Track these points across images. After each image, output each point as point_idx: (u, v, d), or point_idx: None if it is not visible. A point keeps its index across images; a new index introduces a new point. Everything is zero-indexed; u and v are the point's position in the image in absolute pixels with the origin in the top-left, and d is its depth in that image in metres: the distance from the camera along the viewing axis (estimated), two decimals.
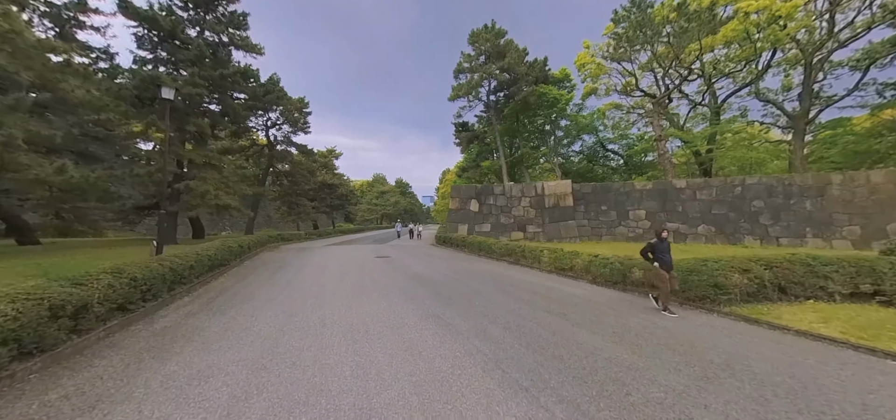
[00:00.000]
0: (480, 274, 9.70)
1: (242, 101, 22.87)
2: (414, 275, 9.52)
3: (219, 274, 9.12)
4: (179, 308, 5.61)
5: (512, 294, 6.97)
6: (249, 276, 9.32)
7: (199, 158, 15.63)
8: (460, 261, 13.08)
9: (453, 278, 8.96)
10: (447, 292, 7.17)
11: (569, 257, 9.39)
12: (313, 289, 7.55)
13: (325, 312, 5.59)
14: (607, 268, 7.70)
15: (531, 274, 9.72)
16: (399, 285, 7.97)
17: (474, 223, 20.87)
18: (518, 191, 20.09)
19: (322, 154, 47.32)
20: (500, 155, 26.76)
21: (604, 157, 29.75)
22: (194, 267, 7.20)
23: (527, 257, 11.49)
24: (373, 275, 9.55)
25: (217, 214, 17.41)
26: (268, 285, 7.95)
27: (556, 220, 18.36)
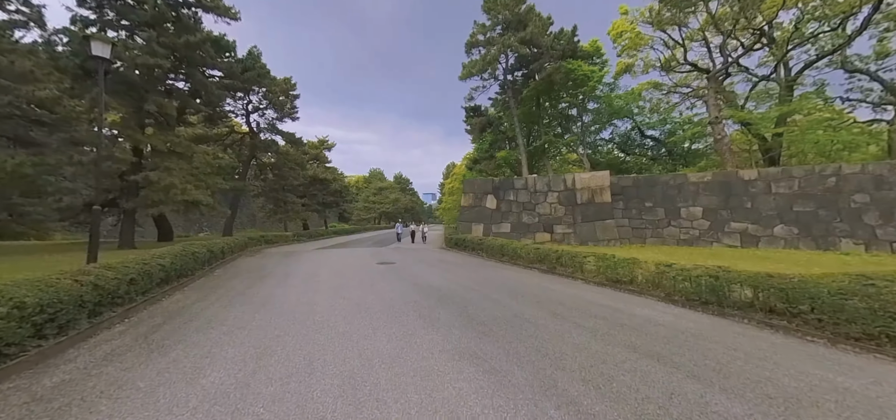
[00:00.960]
0: (512, 286, 8.33)
1: (217, 80, 21.69)
2: (429, 287, 8.18)
3: (176, 288, 7.84)
4: (99, 345, 4.31)
5: (567, 318, 5.60)
6: (218, 290, 8.04)
7: (161, 145, 14.42)
8: (481, 268, 11.73)
9: (480, 293, 7.60)
10: (479, 315, 5.82)
11: (626, 266, 8.00)
12: (300, 309, 6.24)
13: (314, 349, 4.28)
14: (691, 282, 6.29)
15: (576, 287, 8.34)
16: (412, 303, 6.64)
17: (491, 223, 19.52)
18: (543, 185, 18.67)
19: (313, 145, 46.24)
20: (518, 143, 25.33)
21: (640, 146, 28.16)
22: (136, 281, 5.91)
23: (564, 264, 10.12)
24: (376, 287, 8.23)
25: (187, 213, 16.24)
26: (239, 304, 6.65)
27: (591, 218, 16.93)
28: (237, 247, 16.28)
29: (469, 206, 20.42)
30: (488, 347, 4.33)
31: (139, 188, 13.99)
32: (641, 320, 5.43)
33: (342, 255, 16.52)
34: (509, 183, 19.75)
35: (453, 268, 11.83)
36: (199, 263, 9.89)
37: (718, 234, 14.80)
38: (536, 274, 10.47)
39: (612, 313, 5.86)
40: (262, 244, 21.58)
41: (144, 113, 14.59)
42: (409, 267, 12.01)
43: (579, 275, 9.34)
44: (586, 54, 25.30)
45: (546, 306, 6.42)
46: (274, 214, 35.29)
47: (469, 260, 14.25)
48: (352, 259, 14.62)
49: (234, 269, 11.70)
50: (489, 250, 14.82)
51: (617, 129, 32.65)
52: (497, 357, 4.05)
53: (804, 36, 16.89)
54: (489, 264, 12.91)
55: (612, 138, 33.09)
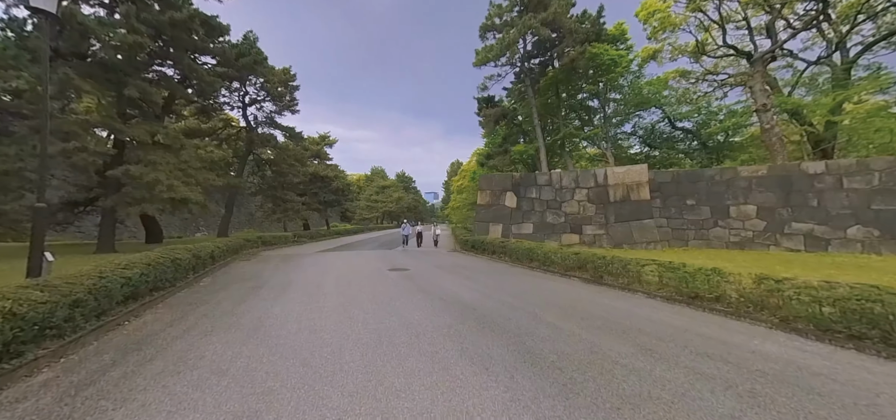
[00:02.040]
0: (562, 303, 6.89)
1: (210, 67, 20.38)
2: (460, 304, 6.76)
3: (148, 305, 6.48)
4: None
5: (669, 358, 4.16)
6: (199, 307, 6.67)
7: (145, 136, 13.11)
8: (510, 276, 10.30)
9: (526, 312, 6.17)
10: (542, 350, 4.39)
11: (707, 278, 6.53)
12: (301, 340, 4.85)
13: (322, 416, 2.88)
14: (827, 305, 4.76)
15: (640, 303, 6.89)
16: (446, 329, 5.23)
17: (511, 223, 18.07)
18: (570, 180, 17.18)
19: (313, 141, 45.05)
20: (537, 136, 23.83)
21: (670, 139, 26.53)
22: (84, 302, 4.54)
23: (614, 273, 8.66)
24: (395, 304, 6.82)
25: (175, 212, 14.94)
26: (222, 330, 5.28)
27: (626, 218, 15.41)
28: (231, 250, 14.95)
29: (486, 205, 18.98)
30: (586, 417, 2.90)
31: (120, 184, 12.71)
32: (792, 368, 3.90)
33: (347, 259, 15.16)
34: (531, 179, 18.27)
35: (478, 276, 10.40)
36: (181, 271, 8.54)
37: (776, 235, 13.26)
38: (579, 284, 9.02)
39: (732, 352, 4.38)
40: (260, 246, 20.28)
41: (126, 100, 13.29)
42: (426, 275, 10.60)
43: (637, 287, 7.87)
44: (611, 39, 23.74)
45: (624, 335, 4.97)
46: (272, 214, 34.05)
47: (493, 266, 12.82)
48: (359, 264, 13.25)
49: (224, 277, 10.35)
50: (513, 254, 13.38)
51: (639, 122, 31.12)
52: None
53: (874, 9, 15.21)
54: (517, 271, 11.47)
55: (634, 131, 31.50)
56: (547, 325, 5.49)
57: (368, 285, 8.92)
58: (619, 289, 8.18)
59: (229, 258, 14.36)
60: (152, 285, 6.92)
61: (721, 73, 25.10)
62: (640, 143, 31.57)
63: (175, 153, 14.94)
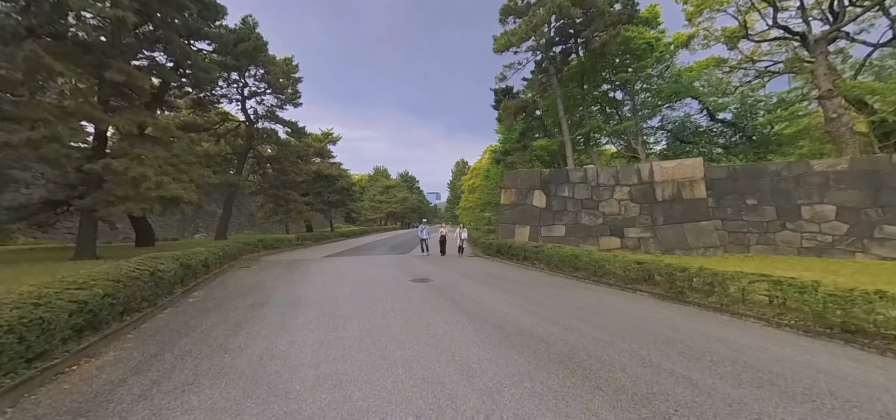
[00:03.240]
0: (657, 333, 5.32)
1: (206, 53, 19.05)
2: (522, 335, 5.21)
3: (114, 335, 5.01)
4: None
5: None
6: (181, 340, 5.18)
7: (129, 127, 11.72)
8: (557, 288, 8.73)
9: (625, 351, 4.62)
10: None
11: (869, 304, 4.89)
12: (321, 401, 3.37)
13: None
14: None
15: (764, 336, 5.31)
16: (527, 380, 3.70)
17: (540, 224, 16.51)
18: (609, 177, 15.57)
19: (316, 138, 43.73)
20: (562, 129, 22.21)
21: (707, 132, 24.79)
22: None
23: (698, 288, 7.06)
24: (438, 333, 5.28)
25: (164, 212, 13.55)
26: (210, 378, 3.81)
27: (678, 219, 13.76)
28: (228, 255, 13.52)
29: (511, 205, 17.41)
30: None
31: (101, 180, 11.33)
32: None
33: (360, 266, 13.67)
34: (563, 175, 16.68)
35: (521, 288, 8.84)
36: (165, 286, 7.07)
37: (863, 240, 11.57)
38: (653, 302, 7.44)
39: None
40: (261, 250, 18.87)
41: (109, 86, 11.92)
42: (458, 287, 9.06)
43: (740, 308, 6.27)
44: (643, 22, 22.07)
45: (805, 398, 3.40)
46: (274, 215, 32.71)
47: (529, 275, 11.25)
48: (374, 272, 11.74)
49: (219, 290, 8.89)
50: (551, 261, 11.80)
51: (668, 117, 29.41)
52: None
53: None
54: (562, 283, 9.90)
55: (661, 126, 29.78)
56: (669, 374, 3.92)
57: (394, 302, 7.40)
58: (712, 310, 6.58)
59: (227, 265, 12.94)
60: (123, 307, 5.44)
61: (762, 59, 23.37)
62: (669, 138, 29.86)
63: (166, 146, 13.55)
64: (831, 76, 15.32)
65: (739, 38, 22.40)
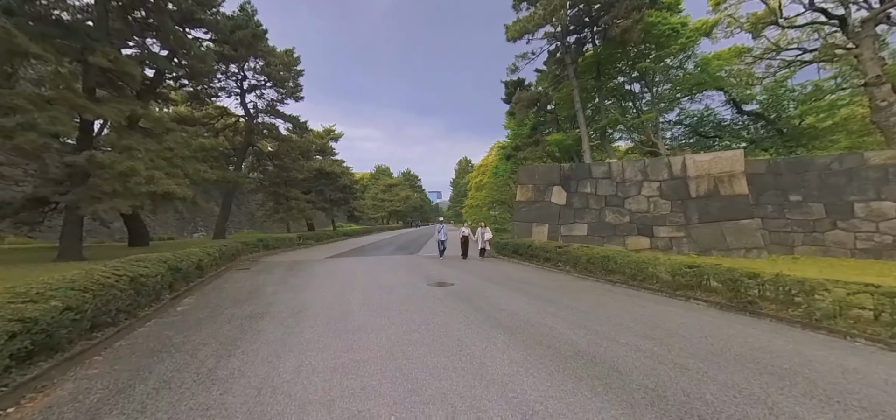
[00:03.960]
0: (756, 360, 4.34)
1: (203, 43, 18.17)
2: (582, 358, 4.25)
3: (79, 358, 4.08)
4: None
5: None
6: (163, 360, 4.27)
7: (117, 117, 10.82)
8: (596, 295, 7.75)
9: (742, 394, 3.65)
10: None
11: None
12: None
13: None
14: None
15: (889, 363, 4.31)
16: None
17: (560, 222, 15.53)
18: (636, 171, 14.56)
19: (318, 134, 42.92)
20: (578, 122, 21.19)
21: (732, 125, 23.71)
22: None
23: (774, 298, 6.09)
24: (475, 354, 4.34)
25: (155, 208, 12.65)
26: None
27: (715, 217, 12.73)
28: (225, 256, 12.63)
29: (527, 202, 16.43)
30: None
31: (86, 175, 10.44)
32: None
33: (369, 267, 12.74)
34: (584, 170, 15.67)
35: (555, 295, 7.87)
36: (148, 293, 6.15)
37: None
38: (715, 313, 6.46)
39: None
40: (260, 250, 18.00)
41: (95, 73, 11.02)
42: (483, 293, 8.10)
43: (838, 325, 5.25)
44: (664, 7, 20.99)
45: None
46: (274, 213, 31.83)
47: (556, 279, 10.28)
48: (385, 275, 10.79)
49: (214, 295, 7.97)
50: (578, 262, 10.83)
51: (685, 110, 28.34)
52: None
53: None
54: (597, 287, 8.93)
55: (679, 119, 28.72)
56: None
57: (414, 312, 6.45)
58: (796, 325, 5.58)
59: (223, 266, 12.05)
60: (91, 322, 4.51)
61: (790, 48, 22.25)
62: (687, 133, 28.79)
63: (158, 139, 12.66)
64: (878, 61, 14.23)
65: (767, 25, 21.33)
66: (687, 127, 28.84)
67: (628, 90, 27.00)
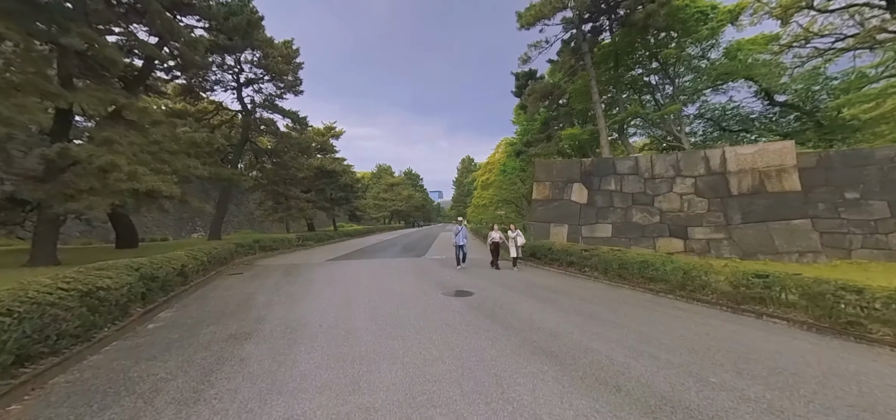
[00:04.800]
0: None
1: (197, 31, 17.19)
2: (668, 405, 3.13)
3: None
4: None
5: None
6: (109, 407, 3.21)
7: (96, 106, 9.84)
8: (646, 309, 6.64)
9: None
10: None
11: None
12: None
13: None
14: None
15: None
16: None
17: (581, 223, 14.42)
18: (667, 166, 13.41)
19: (318, 132, 42.03)
20: (596, 115, 20.03)
21: (761, 118, 22.46)
22: None
23: (892, 320, 4.95)
24: (521, 398, 3.22)
25: (139, 206, 11.62)
26: None
27: (761, 216, 11.54)
28: (215, 260, 11.62)
29: (545, 200, 15.32)
30: None
31: (57, 169, 9.46)
32: None
33: (374, 272, 11.68)
34: (608, 165, 14.54)
35: (595, 309, 6.76)
36: (109, 310, 5.12)
37: None
38: (808, 335, 5.35)
39: None
40: (256, 251, 17.01)
41: (72, 56, 10.05)
42: (508, 305, 7.02)
43: None
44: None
45: None
46: (273, 213, 30.92)
47: (588, 287, 9.18)
48: (393, 282, 9.72)
49: (194, 309, 6.93)
50: (609, 268, 9.72)
51: (707, 102, 27.08)
52: None
53: None
54: (638, 298, 7.83)
55: (700, 112, 27.46)
56: None
57: (432, 331, 5.38)
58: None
59: (213, 271, 11.04)
60: (16, 354, 3.47)
61: (823, 34, 20.97)
62: (709, 127, 27.54)
63: (143, 132, 11.67)
64: None
65: (799, 10, 20.10)
66: (708, 121, 27.60)
67: (646, 81, 25.79)
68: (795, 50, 21.98)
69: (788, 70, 21.60)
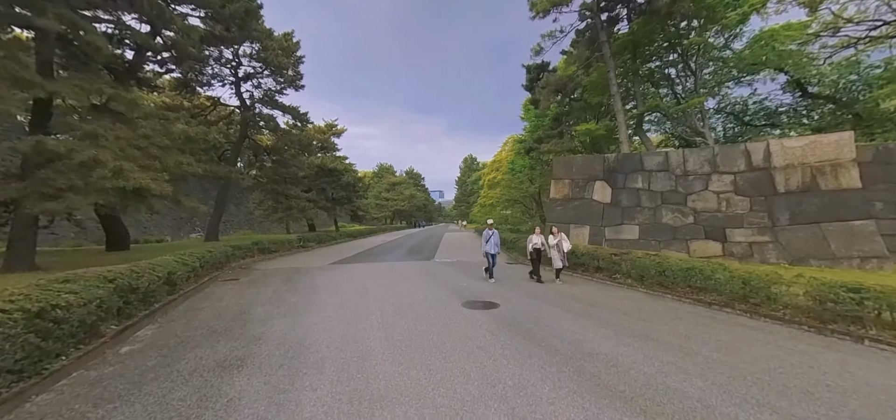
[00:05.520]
0: None
1: (191, 20, 16.36)
2: None
3: None
4: None
5: None
6: None
7: (77, 96, 8.99)
8: (706, 327, 5.74)
9: None
10: None
11: None
12: None
13: None
14: None
15: None
16: None
17: (604, 223, 13.48)
18: (702, 161, 12.43)
19: (319, 129, 41.24)
20: (615, 109, 19.03)
21: (790, 111, 21.41)
22: None
23: None
24: None
25: (126, 205, 10.74)
26: None
27: (814, 217, 10.50)
28: (210, 265, 10.74)
29: (564, 199, 14.37)
30: None
31: (33, 165, 8.62)
32: None
33: (381, 278, 10.76)
34: (634, 161, 13.56)
35: (645, 326, 5.83)
36: (68, 335, 4.23)
37: None
38: None
39: None
40: (255, 254, 16.16)
41: (49, 40, 9.21)
42: (544, 321, 6.09)
43: None
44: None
45: None
46: (273, 213, 30.12)
47: (625, 296, 8.24)
48: (405, 289, 8.79)
49: (180, 325, 6.03)
50: (645, 274, 8.78)
51: (727, 95, 26.02)
52: None
53: None
54: (688, 312, 6.90)
55: (720, 107, 26.41)
56: None
57: (465, 359, 4.46)
58: None
59: (207, 277, 10.16)
60: None
61: (857, 21, 19.86)
62: (731, 122, 26.48)
63: (131, 125, 10.81)
64: None
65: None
66: (729, 115, 26.54)
67: (665, 75, 24.76)
68: (823, 40, 20.91)
69: (817, 60, 20.53)
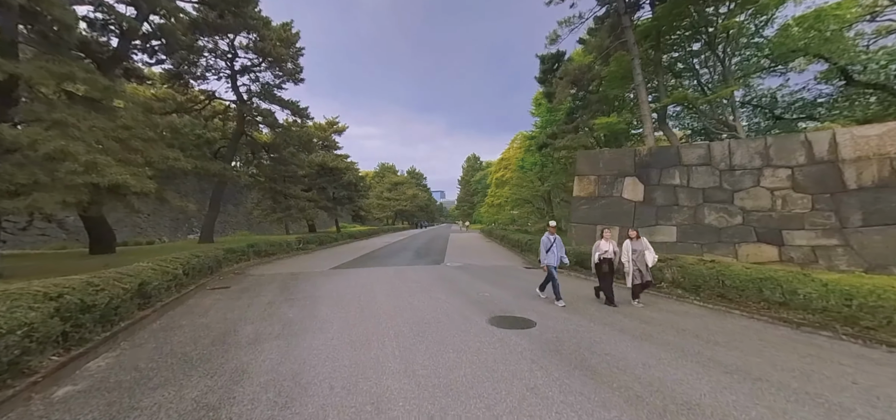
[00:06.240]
0: None
1: (181, 5, 15.31)
2: None
3: None
4: None
5: None
6: None
7: (44, 80, 7.94)
8: (803, 356, 4.49)
9: None
10: None
11: None
12: None
13: None
14: None
15: None
16: None
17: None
18: (752, 154, 11.19)
19: (319, 127, 40.25)
20: (639, 100, 17.79)
21: (828, 102, 20.10)
22: None
23: None
24: None
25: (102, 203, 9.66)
26: None
27: (894, 219, 9.22)
28: (196, 271, 9.63)
29: (589, 198, 13.18)
30: None
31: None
32: None
33: (391, 285, 9.60)
34: (670, 154, 12.33)
35: (741, 358, 4.66)
36: None
37: None
38: None
39: None
40: (250, 257, 15.04)
41: (13, 14, 8.16)
42: (600, 347, 4.92)
43: None
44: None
45: None
46: (272, 213, 29.09)
47: (680, 310, 7.04)
48: (420, 300, 7.62)
49: (147, 351, 4.90)
50: (701, 284, 7.60)
51: (754, 88, 24.71)
52: None
53: None
54: (770, 332, 5.77)
55: (747, 100, 25.08)
56: None
57: (517, 409, 3.29)
58: None
59: (193, 285, 9.05)
60: None
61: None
62: (758, 115, 25.18)
63: (107, 113, 9.75)
64: None
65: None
66: (756, 108, 25.22)
67: (689, 64, 23.49)
68: (859, 27, 19.53)
69: (861, 43, 19.16)
